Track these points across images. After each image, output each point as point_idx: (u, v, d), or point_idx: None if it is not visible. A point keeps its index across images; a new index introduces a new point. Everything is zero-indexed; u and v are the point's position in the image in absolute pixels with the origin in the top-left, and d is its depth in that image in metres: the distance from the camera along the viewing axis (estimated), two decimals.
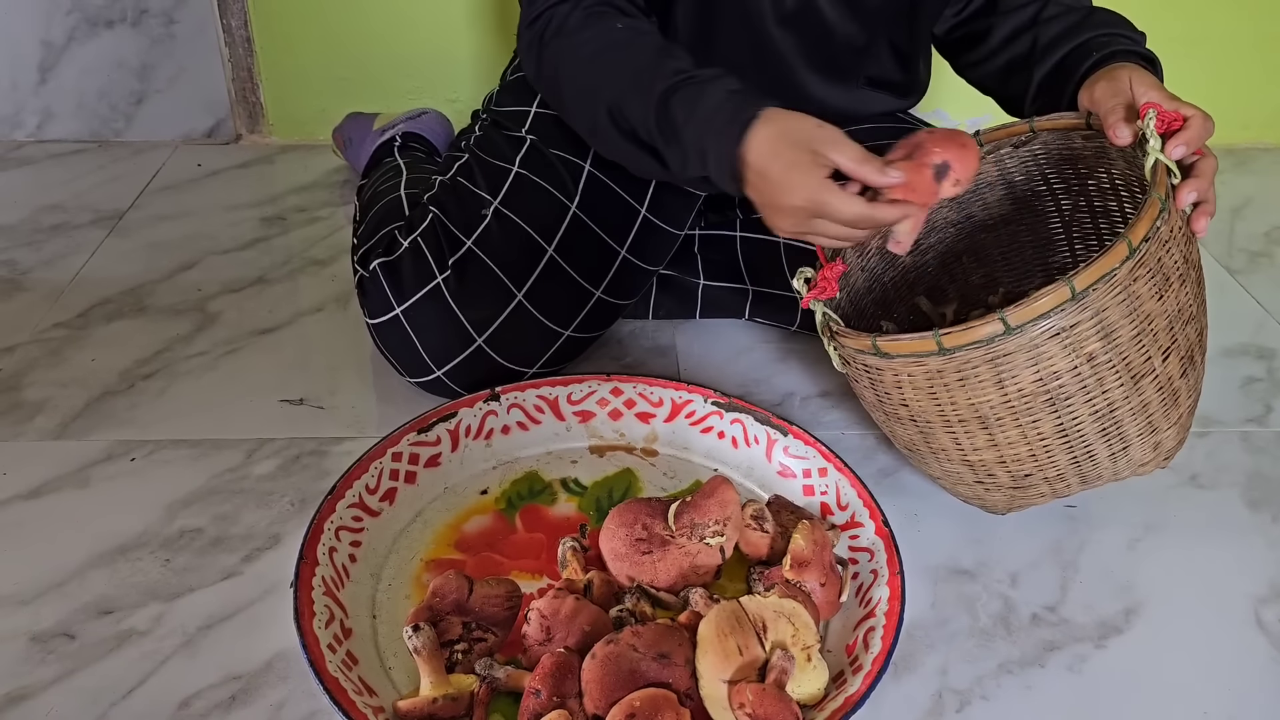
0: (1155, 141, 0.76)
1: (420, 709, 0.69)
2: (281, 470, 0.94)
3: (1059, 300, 0.72)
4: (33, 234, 1.32)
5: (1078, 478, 0.81)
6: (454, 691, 0.69)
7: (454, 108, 1.56)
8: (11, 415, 1.00)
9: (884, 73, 1.07)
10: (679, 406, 0.98)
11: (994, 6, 1.02)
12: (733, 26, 1.00)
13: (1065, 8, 0.97)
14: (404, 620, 0.73)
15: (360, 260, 1.05)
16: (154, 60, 1.51)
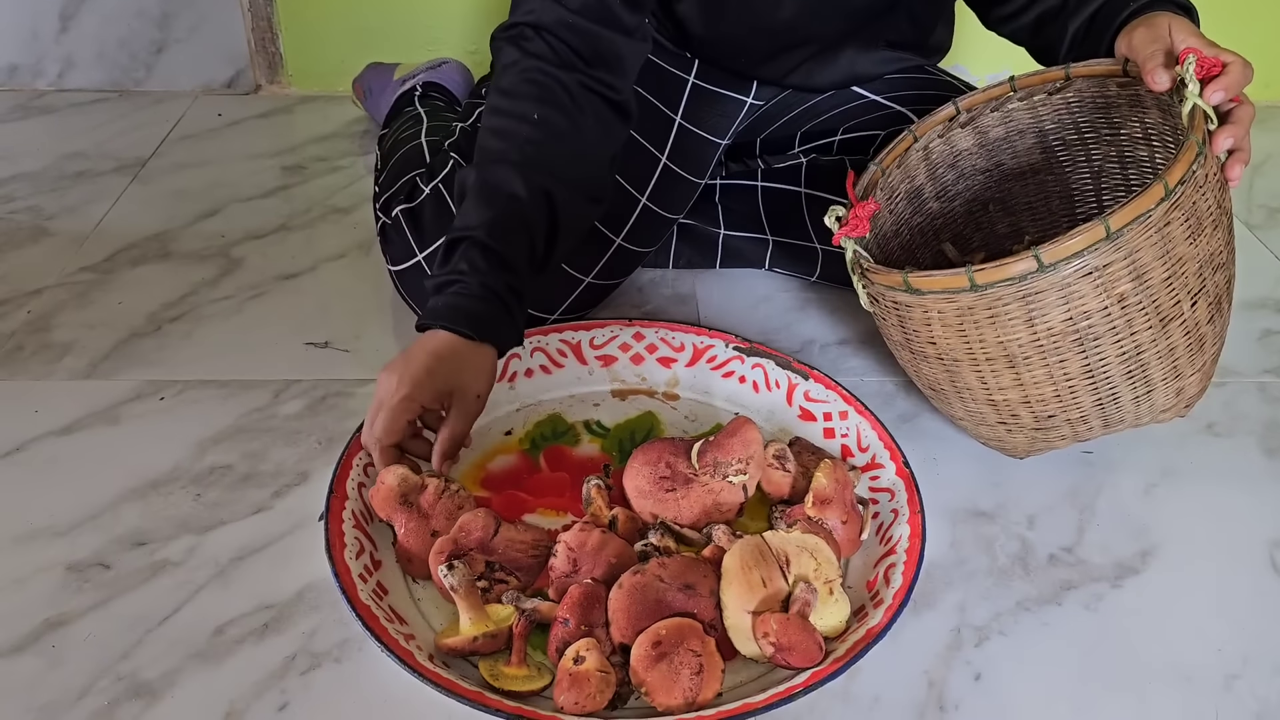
0: (1194, 86, 0.76)
1: (463, 646, 0.70)
2: (308, 410, 0.96)
3: (1093, 239, 0.72)
4: (56, 181, 1.33)
5: (1100, 420, 0.82)
6: (494, 628, 0.71)
7: (474, 58, 1.55)
8: (41, 355, 1.01)
9: (902, 36, 1.07)
10: (700, 351, 0.99)
11: None
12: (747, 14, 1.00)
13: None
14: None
15: (382, 208, 1.05)
16: (174, 10, 1.52)
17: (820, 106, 1.14)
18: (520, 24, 0.88)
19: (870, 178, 0.91)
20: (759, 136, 1.17)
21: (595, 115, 0.88)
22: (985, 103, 0.94)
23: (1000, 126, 0.96)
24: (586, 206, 0.89)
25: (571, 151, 0.87)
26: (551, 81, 0.86)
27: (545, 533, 0.79)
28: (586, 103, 0.87)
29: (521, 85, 0.86)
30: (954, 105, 0.93)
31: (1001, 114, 0.95)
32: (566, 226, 0.86)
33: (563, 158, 0.86)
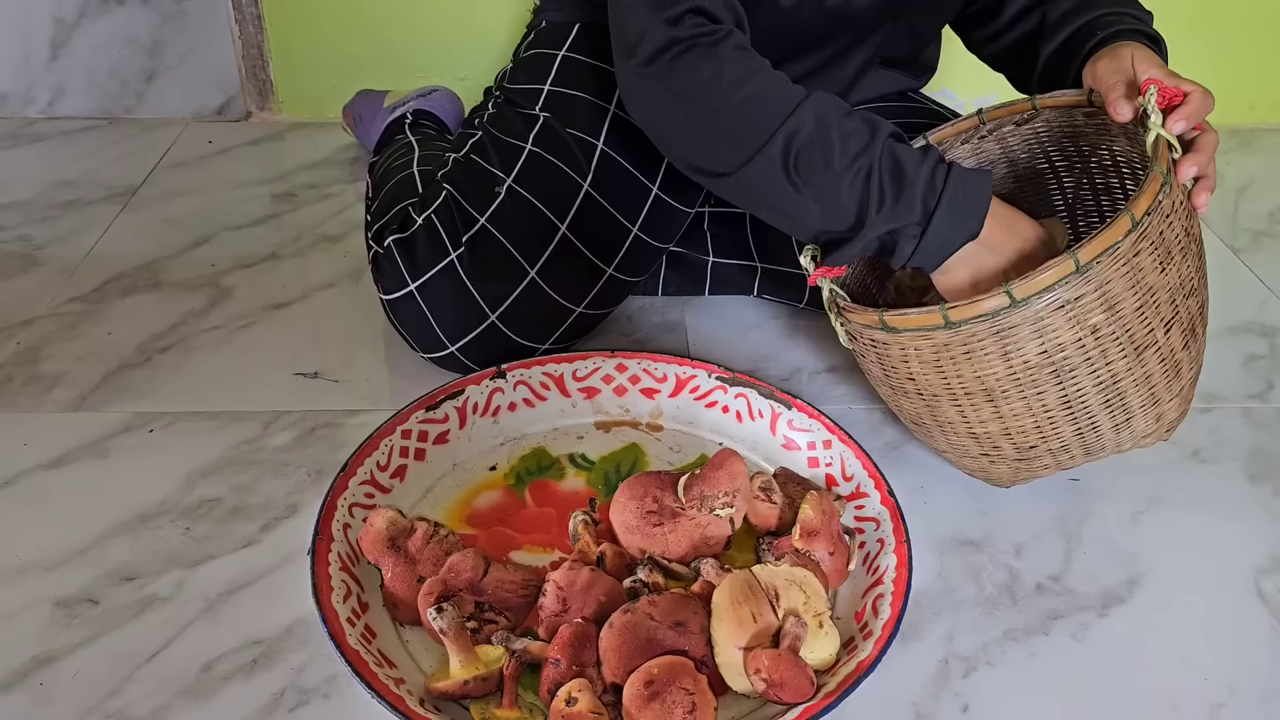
0: (1156, 117, 0.78)
1: (454, 690, 0.70)
2: (298, 442, 0.96)
3: (1063, 273, 0.73)
4: (46, 210, 1.33)
5: (1081, 449, 0.82)
6: (484, 671, 0.71)
7: (464, 85, 1.56)
8: (31, 387, 1.01)
9: (899, 53, 1.08)
10: (683, 382, 0.99)
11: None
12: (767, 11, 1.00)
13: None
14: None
15: (374, 237, 1.06)
16: (165, 37, 1.52)
17: None
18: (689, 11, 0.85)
19: None
20: None
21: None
22: (955, 136, 0.95)
23: (972, 158, 0.97)
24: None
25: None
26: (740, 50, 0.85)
27: (534, 571, 0.79)
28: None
29: (748, 55, 0.85)
30: (924, 139, 0.94)
31: (972, 146, 0.96)
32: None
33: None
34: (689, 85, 0.84)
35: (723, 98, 0.83)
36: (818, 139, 0.81)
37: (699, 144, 0.88)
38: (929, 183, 0.79)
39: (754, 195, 0.87)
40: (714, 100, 0.84)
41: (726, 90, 0.83)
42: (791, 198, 0.83)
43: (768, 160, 0.82)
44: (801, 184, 0.82)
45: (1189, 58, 1.59)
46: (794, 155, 0.81)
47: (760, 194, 0.86)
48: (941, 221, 0.79)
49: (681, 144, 0.90)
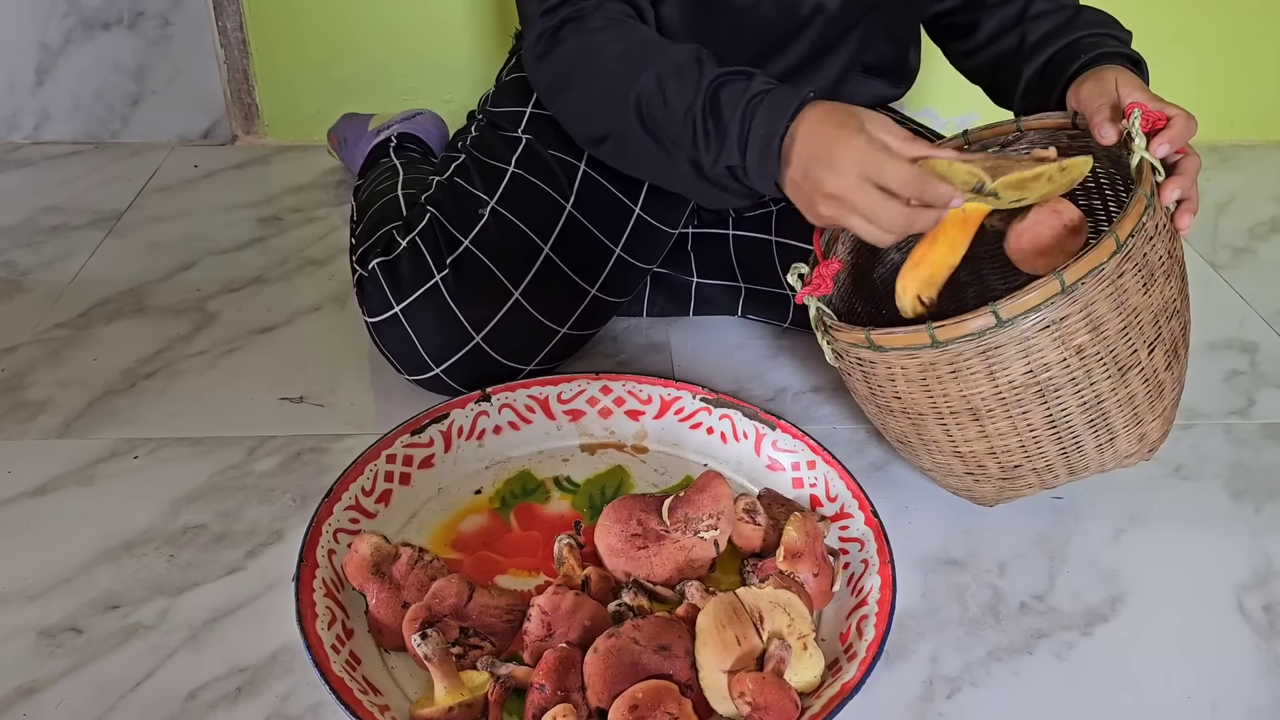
0: (1140, 140, 0.78)
1: (439, 717, 0.69)
2: (283, 467, 0.96)
3: (1049, 294, 0.74)
4: (32, 235, 1.33)
5: (1065, 469, 0.83)
6: (469, 697, 0.70)
7: (449, 109, 1.57)
8: (15, 415, 1.01)
9: (879, 58, 1.09)
10: (668, 403, 0.99)
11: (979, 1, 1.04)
12: (726, 20, 1.01)
13: (1054, 4, 0.99)
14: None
15: (359, 260, 1.06)
16: (150, 62, 1.53)
17: None
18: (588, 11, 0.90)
19: (832, 232, 0.93)
20: None
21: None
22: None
23: None
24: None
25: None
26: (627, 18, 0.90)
27: (519, 596, 0.79)
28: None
29: (611, 25, 0.89)
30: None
31: None
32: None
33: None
34: (564, 59, 0.90)
35: (593, 64, 0.89)
36: (657, 93, 0.84)
37: (582, 114, 0.93)
38: (741, 119, 0.80)
39: (638, 161, 0.91)
40: (586, 67, 0.89)
41: (594, 57, 0.88)
42: (660, 156, 0.86)
43: (628, 121, 0.86)
44: (660, 140, 0.85)
45: (1169, 75, 1.60)
46: (646, 113, 0.85)
47: (641, 158, 0.90)
48: (752, 155, 0.80)
49: (571, 119, 0.95)
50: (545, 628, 0.74)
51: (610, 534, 0.82)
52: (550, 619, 0.74)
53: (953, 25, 1.09)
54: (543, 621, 0.74)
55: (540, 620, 0.74)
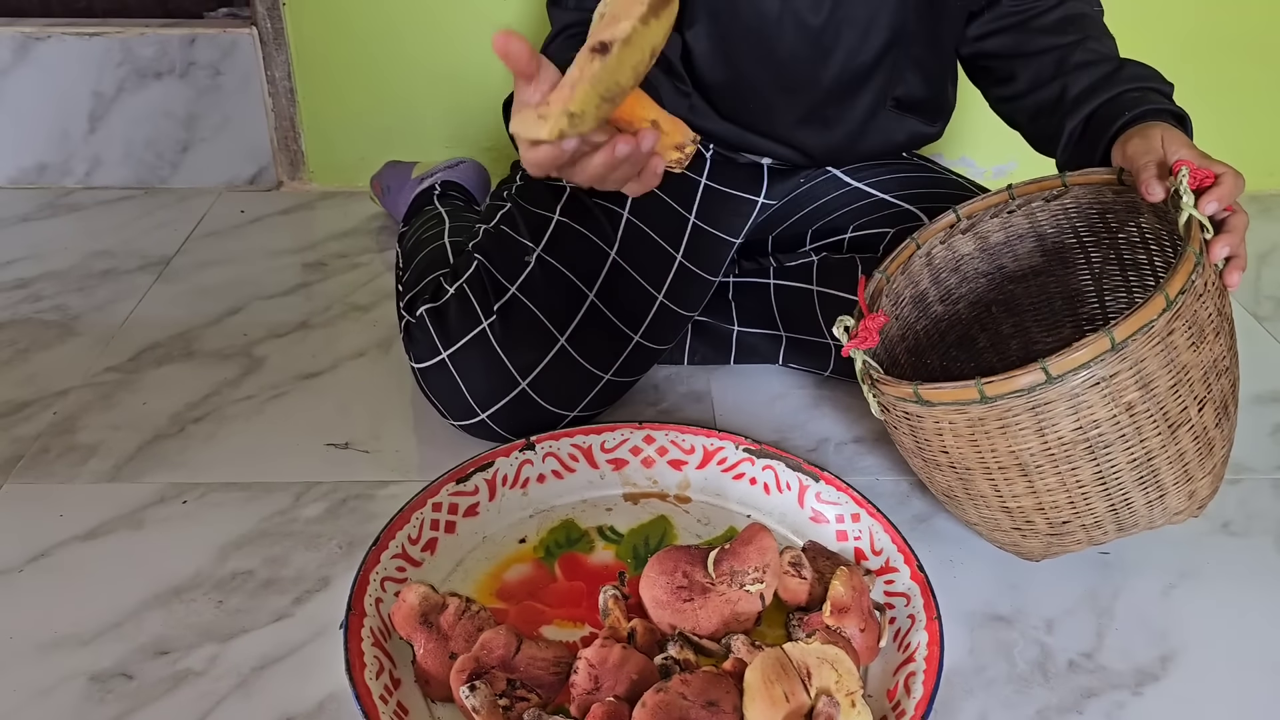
0: (1188, 198, 0.78)
1: None
2: (329, 513, 0.97)
3: (1099, 351, 0.74)
4: (83, 279, 1.36)
5: (1115, 525, 0.82)
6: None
7: (488, 155, 1.60)
8: (67, 458, 1.03)
9: (910, 92, 1.10)
10: (711, 454, 1.00)
11: (1015, 46, 1.04)
12: (752, 47, 1.03)
13: (1095, 55, 0.99)
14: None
15: (406, 306, 1.08)
16: (200, 110, 1.56)
17: (830, 205, 1.17)
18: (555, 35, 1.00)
19: (876, 286, 0.93)
20: (771, 235, 1.20)
21: None
22: (985, 210, 0.96)
23: (1000, 231, 0.98)
24: None
25: None
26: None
27: (566, 648, 0.79)
28: None
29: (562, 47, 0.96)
30: (954, 213, 0.96)
31: (1001, 220, 0.97)
32: None
33: None
34: None
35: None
36: None
37: None
38: None
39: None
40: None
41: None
42: None
43: None
44: None
45: (1206, 124, 1.60)
46: None
47: None
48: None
49: None
50: (593, 681, 0.74)
51: (656, 586, 0.82)
52: (598, 672, 0.74)
53: (988, 69, 1.10)
54: (590, 674, 0.74)
55: (588, 673, 0.74)
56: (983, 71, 1.11)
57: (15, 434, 1.06)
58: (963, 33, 1.08)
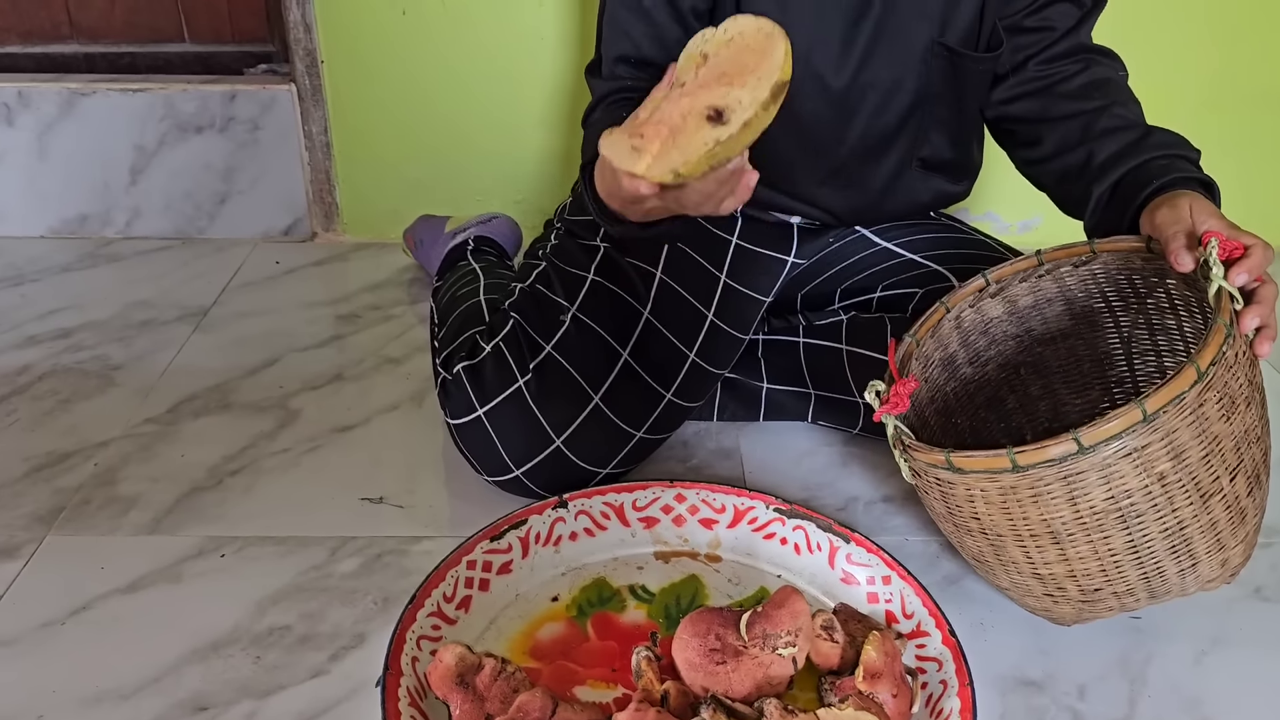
0: (1218, 269, 0.79)
1: None
2: (364, 569, 0.98)
3: (1131, 422, 0.74)
4: (123, 329, 1.38)
5: (1146, 593, 0.82)
6: None
7: (520, 207, 1.62)
8: (108, 510, 1.05)
9: (936, 153, 1.11)
10: (741, 513, 1.01)
11: (1041, 111, 1.05)
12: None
13: (1121, 122, 1.00)
14: None
15: (443, 363, 1.10)
16: (238, 163, 1.60)
17: (859, 264, 1.19)
18: (594, 106, 1.02)
19: (906, 350, 0.94)
20: (800, 293, 1.21)
21: None
22: (1013, 274, 0.98)
23: (1029, 295, 0.99)
24: None
25: None
26: (629, 97, 0.98)
27: (600, 710, 0.80)
28: None
29: (607, 113, 0.99)
30: (984, 278, 0.97)
31: (1030, 284, 0.98)
32: None
33: None
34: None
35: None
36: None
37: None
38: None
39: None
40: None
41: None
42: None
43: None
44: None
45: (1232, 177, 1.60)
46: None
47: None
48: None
49: None
50: None
51: (688, 648, 0.83)
52: None
53: (1013, 133, 1.11)
54: None
55: None
56: (1008, 134, 1.12)
57: (57, 485, 1.08)
58: (988, 96, 1.09)
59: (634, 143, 0.71)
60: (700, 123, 0.70)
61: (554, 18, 1.51)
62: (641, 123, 0.73)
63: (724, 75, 0.72)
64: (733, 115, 0.69)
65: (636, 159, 0.71)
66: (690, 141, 0.70)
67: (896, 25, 1.01)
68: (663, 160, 0.70)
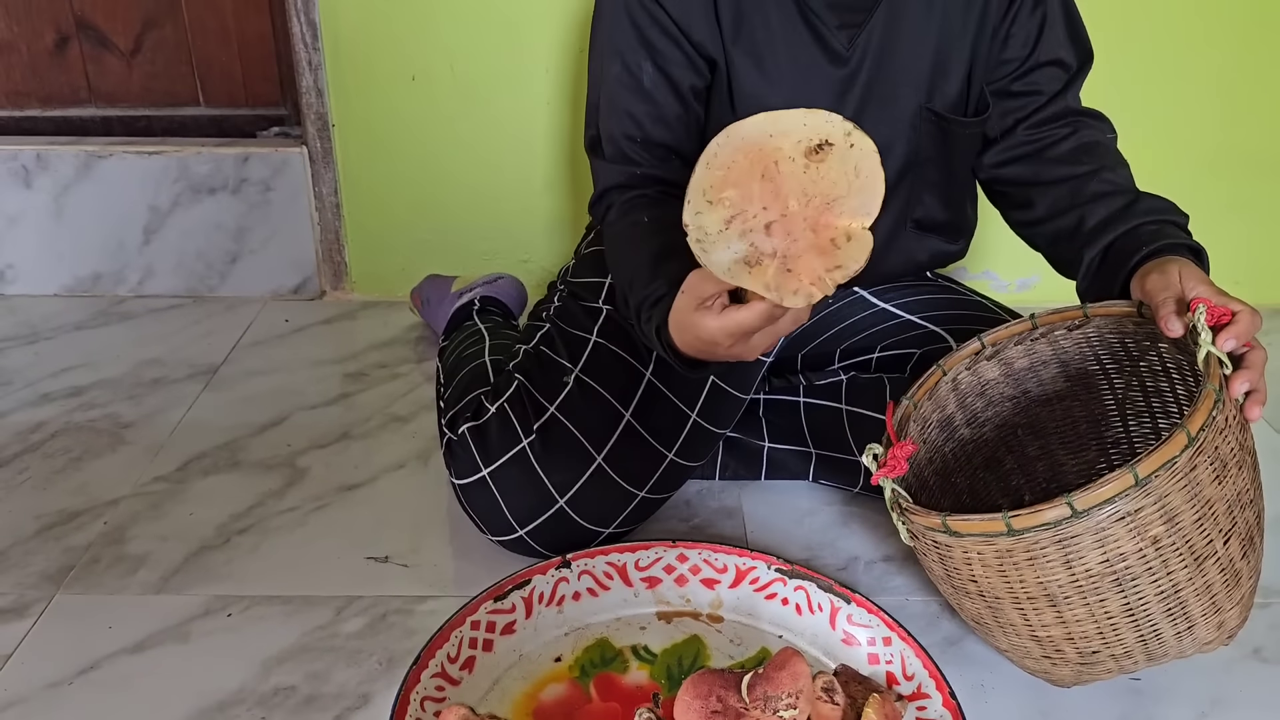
0: (1206, 335, 0.81)
1: None
2: (369, 628, 0.99)
3: (1123, 486, 0.76)
4: (134, 388, 1.41)
5: (1144, 655, 0.83)
6: None
7: (525, 268, 1.65)
8: (116, 568, 1.06)
9: (930, 214, 1.13)
10: (743, 573, 1.01)
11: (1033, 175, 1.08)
12: None
13: (1111, 186, 1.02)
14: None
15: (448, 424, 1.11)
16: (250, 224, 1.63)
17: (858, 325, 1.21)
18: (603, 194, 1.05)
19: (903, 412, 0.96)
20: (800, 353, 1.23)
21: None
22: (1009, 337, 0.99)
23: (1025, 358, 1.01)
24: None
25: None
26: (644, 198, 1.01)
27: None
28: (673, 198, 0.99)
29: (624, 212, 1.01)
30: (979, 341, 0.99)
31: (1024, 347, 1.00)
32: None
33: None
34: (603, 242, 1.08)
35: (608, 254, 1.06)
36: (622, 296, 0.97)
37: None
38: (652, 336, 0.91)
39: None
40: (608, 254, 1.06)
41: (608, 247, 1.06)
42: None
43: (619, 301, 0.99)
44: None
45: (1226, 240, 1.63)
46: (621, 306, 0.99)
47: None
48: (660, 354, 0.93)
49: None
50: None
51: (690, 710, 0.83)
52: None
53: (1006, 195, 1.13)
54: None
55: None
56: (1002, 196, 1.15)
57: (67, 543, 1.10)
58: (979, 159, 1.12)
59: (770, 279, 0.73)
60: (835, 231, 0.74)
61: (559, 84, 1.55)
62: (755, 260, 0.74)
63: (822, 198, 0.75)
64: (853, 230, 0.74)
65: (791, 286, 0.73)
66: (843, 248, 0.74)
67: (884, 92, 1.04)
68: (818, 277, 0.73)
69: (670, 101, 1.02)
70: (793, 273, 0.73)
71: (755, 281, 0.73)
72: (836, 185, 0.75)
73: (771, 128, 0.76)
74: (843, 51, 1.02)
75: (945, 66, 1.05)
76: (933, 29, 1.03)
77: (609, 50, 1.03)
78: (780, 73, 1.03)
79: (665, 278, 0.89)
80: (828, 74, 1.03)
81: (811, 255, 0.74)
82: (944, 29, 1.03)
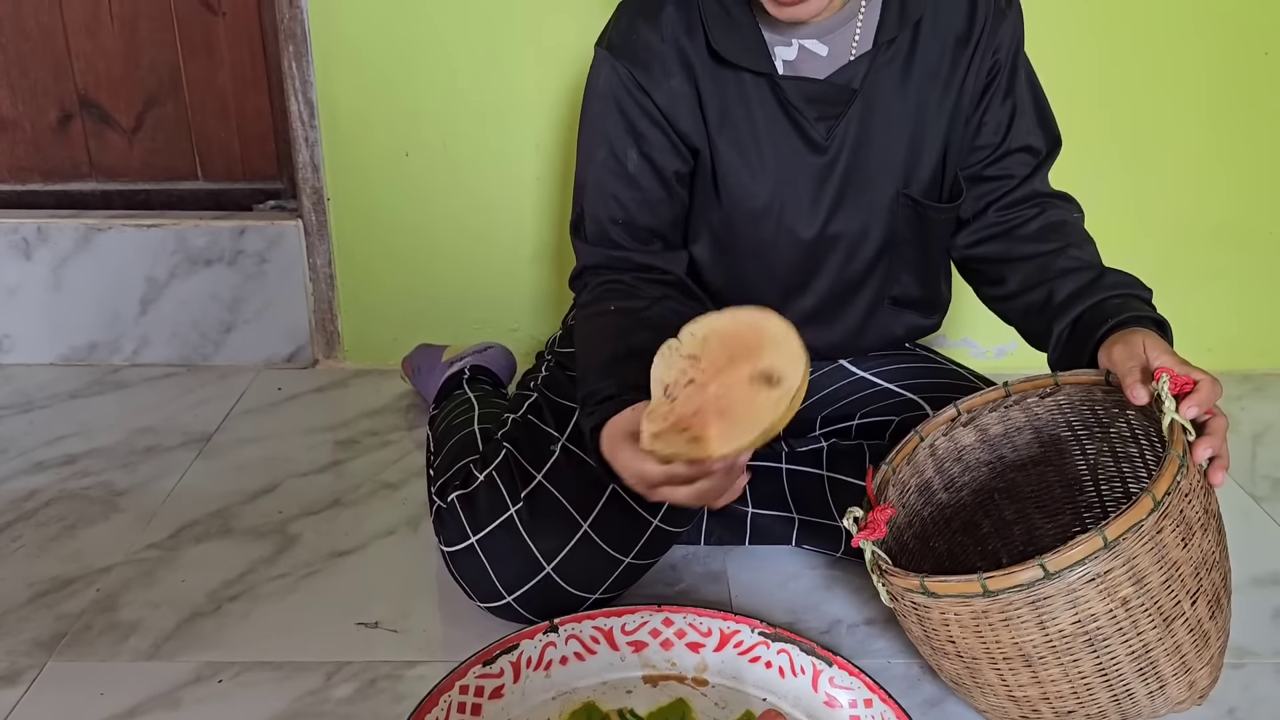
0: (1170, 403, 0.85)
1: None
2: (359, 694, 1.00)
3: (1093, 549, 0.79)
4: (128, 456, 1.43)
5: (1118, 715, 0.85)
6: None
7: (514, 336, 1.69)
8: (108, 635, 1.07)
9: (906, 291, 1.18)
10: (727, 636, 1.03)
11: (1004, 253, 1.12)
12: (751, 261, 1.12)
13: (1077, 263, 1.06)
14: None
15: (438, 491, 1.14)
16: (245, 294, 1.66)
17: (838, 393, 1.24)
18: (581, 272, 1.10)
19: (882, 477, 0.99)
20: None
21: (658, 289, 1.06)
22: (983, 405, 1.03)
23: (999, 424, 1.04)
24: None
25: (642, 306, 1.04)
26: (617, 285, 1.06)
27: None
28: (646, 284, 1.06)
29: (595, 298, 1.06)
30: (955, 408, 1.02)
31: (999, 414, 1.04)
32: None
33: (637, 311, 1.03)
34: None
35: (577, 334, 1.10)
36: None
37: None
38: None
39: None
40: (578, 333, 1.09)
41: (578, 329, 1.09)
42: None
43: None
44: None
45: (1203, 307, 1.69)
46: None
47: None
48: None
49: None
50: None
51: None
52: None
53: (980, 272, 1.18)
54: None
55: None
56: (975, 273, 1.19)
57: (60, 611, 1.11)
58: (953, 240, 1.17)
59: (687, 437, 0.76)
60: (753, 392, 0.75)
61: (549, 162, 1.61)
62: (673, 420, 0.77)
63: (733, 358, 0.77)
64: (784, 375, 0.75)
65: (702, 446, 0.76)
66: (753, 409, 0.75)
67: (862, 179, 1.09)
68: (732, 435, 0.76)
69: (654, 186, 1.07)
70: (696, 427, 0.77)
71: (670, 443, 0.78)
72: (734, 349, 0.79)
73: (689, 330, 0.81)
74: (821, 141, 1.07)
75: (920, 154, 1.10)
76: (907, 119, 1.08)
77: (597, 136, 1.08)
78: (764, 161, 1.08)
79: (617, 378, 0.93)
80: (808, 162, 1.08)
81: (732, 407, 0.77)
82: (918, 119, 1.09)
